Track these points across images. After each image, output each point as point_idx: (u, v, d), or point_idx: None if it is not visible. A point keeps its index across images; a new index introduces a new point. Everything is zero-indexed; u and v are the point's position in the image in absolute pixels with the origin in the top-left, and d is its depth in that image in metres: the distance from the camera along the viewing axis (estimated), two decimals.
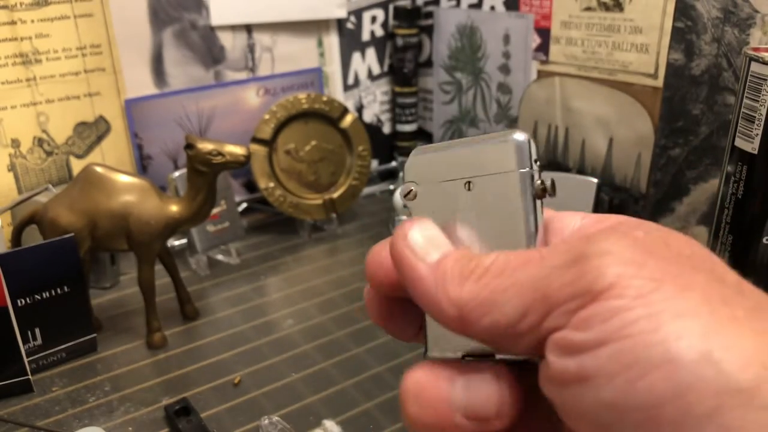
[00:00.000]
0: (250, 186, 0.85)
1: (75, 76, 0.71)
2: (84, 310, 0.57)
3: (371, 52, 0.91)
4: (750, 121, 0.42)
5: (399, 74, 0.92)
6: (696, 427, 0.14)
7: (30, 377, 0.53)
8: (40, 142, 0.70)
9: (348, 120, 0.82)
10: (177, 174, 0.70)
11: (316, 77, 0.87)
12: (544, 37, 0.75)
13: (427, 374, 0.20)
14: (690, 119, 0.62)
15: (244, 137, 0.79)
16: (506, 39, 0.80)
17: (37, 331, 0.55)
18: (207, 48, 0.79)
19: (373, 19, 0.90)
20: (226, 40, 0.80)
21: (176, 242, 0.75)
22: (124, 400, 0.52)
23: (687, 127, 0.62)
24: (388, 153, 0.96)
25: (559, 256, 0.17)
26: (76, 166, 0.73)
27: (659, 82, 0.64)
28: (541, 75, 0.77)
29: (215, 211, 0.71)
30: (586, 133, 0.73)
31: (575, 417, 0.16)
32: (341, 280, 0.69)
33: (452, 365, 0.20)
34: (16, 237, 0.58)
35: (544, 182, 0.21)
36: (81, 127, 0.73)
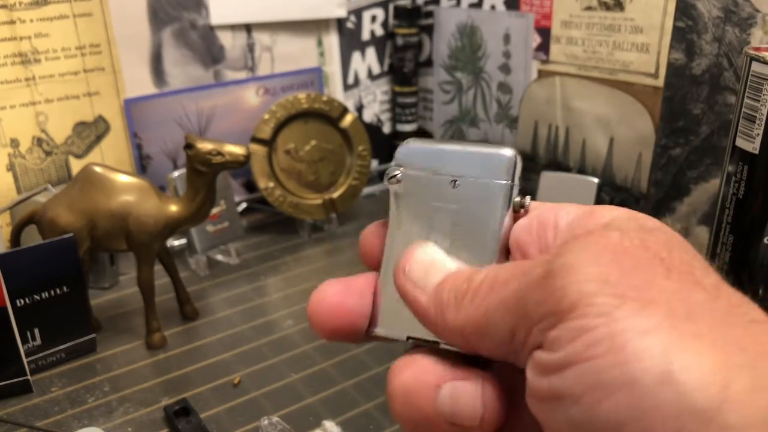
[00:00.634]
0: (250, 186, 0.84)
1: (74, 76, 0.71)
2: (83, 311, 0.57)
3: (371, 52, 0.91)
4: (751, 120, 0.42)
5: (399, 74, 0.92)
6: None
7: (29, 377, 0.53)
8: (39, 141, 0.70)
9: (348, 120, 0.82)
10: (176, 174, 0.70)
11: (315, 77, 0.87)
12: (545, 37, 0.75)
13: (414, 378, 0.20)
14: (691, 119, 0.62)
15: (243, 137, 0.78)
16: (506, 38, 0.80)
17: (37, 332, 0.55)
18: (206, 47, 0.79)
19: (373, 19, 0.90)
20: (226, 39, 0.80)
21: (176, 242, 0.75)
22: (123, 400, 0.52)
23: (688, 127, 0.62)
24: (388, 153, 0.96)
25: (535, 271, 0.18)
26: (76, 165, 0.73)
27: (660, 81, 0.64)
28: (542, 74, 0.76)
29: (215, 211, 0.71)
30: (587, 132, 0.73)
31: (553, 431, 0.17)
32: None
33: (439, 366, 0.20)
34: (16, 237, 0.58)
35: (523, 201, 0.22)
36: (80, 127, 0.73)
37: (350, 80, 0.90)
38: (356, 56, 0.90)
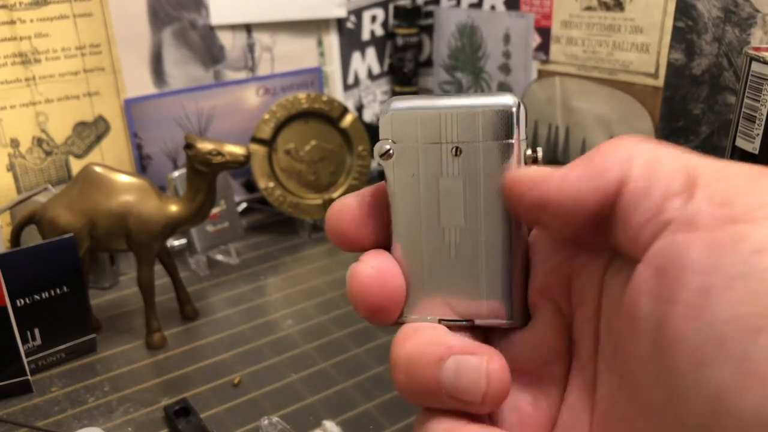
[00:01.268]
0: (250, 186, 0.84)
1: (74, 76, 0.71)
2: (83, 311, 0.57)
3: (371, 52, 0.91)
4: (751, 120, 0.42)
5: (399, 74, 0.92)
6: None
7: (29, 377, 0.53)
8: (39, 141, 0.70)
9: (348, 120, 0.82)
10: (176, 174, 0.70)
11: (315, 77, 0.87)
12: (545, 37, 0.75)
13: (418, 349, 0.20)
14: (690, 119, 0.62)
15: (243, 137, 0.78)
16: (506, 38, 0.80)
17: (37, 332, 0.55)
18: (206, 47, 0.79)
19: (373, 19, 0.90)
20: (226, 39, 0.80)
21: (176, 242, 0.75)
22: (123, 400, 0.52)
23: (687, 127, 0.62)
24: None
25: None
26: (76, 165, 0.73)
27: (660, 81, 0.64)
28: (542, 74, 0.76)
29: (215, 211, 0.71)
30: (587, 132, 0.73)
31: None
32: (341, 281, 0.69)
33: (445, 339, 0.20)
34: (16, 237, 0.58)
35: (535, 154, 0.21)
36: (80, 127, 0.73)
37: (350, 80, 0.90)
38: (356, 56, 0.90)
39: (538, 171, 0.19)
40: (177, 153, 0.78)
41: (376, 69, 0.92)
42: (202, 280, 0.70)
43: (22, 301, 0.53)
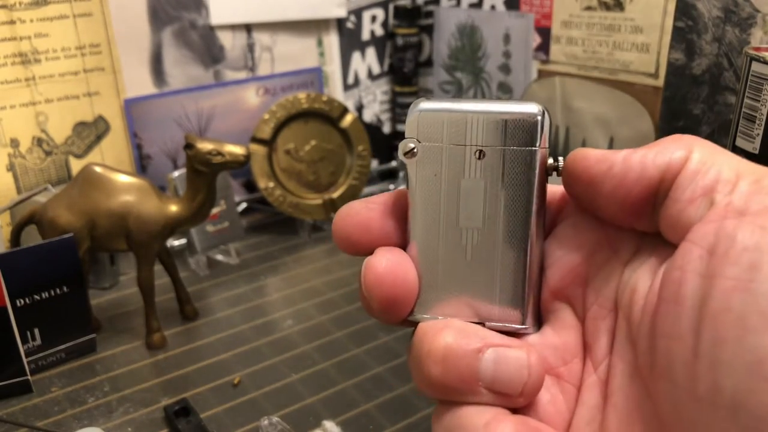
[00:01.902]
0: (250, 186, 0.84)
1: (74, 76, 0.71)
2: (83, 311, 0.57)
3: (371, 52, 0.91)
4: (751, 120, 0.42)
5: (399, 74, 0.92)
6: None
7: (29, 377, 0.53)
8: (39, 141, 0.70)
9: (348, 120, 0.82)
10: (176, 174, 0.70)
11: (315, 77, 0.87)
12: (545, 37, 0.75)
13: (457, 338, 0.20)
14: (691, 119, 0.62)
15: (243, 137, 0.78)
16: (506, 38, 0.80)
17: (37, 332, 0.55)
18: (206, 47, 0.79)
19: (373, 19, 0.90)
20: (226, 39, 0.80)
21: (176, 242, 0.75)
22: (123, 400, 0.52)
23: (688, 127, 0.62)
24: (388, 153, 0.96)
25: None
26: (76, 165, 0.73)
27: (660, 81, 0.64)
28: (542, 74, 0.76)
29: (215, 211, 0.71)
30: (587, 132, 0.73)
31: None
32: (341, 281, 0.69)
33: (480, 332, 0.20)
34: (15, 237, 0.58)
35: (557, 163, 0.21)
36: (80, 127, 0.73)
37: (350, 80, 0.90)
38: (356, 56, 0.90)
39: (602, 150, 0.21)
40: (177, 153, 0.78)
41: (376, 69, 0.92)
42: (202, 280, 0.70)
43: (22, 301, 0.53)
